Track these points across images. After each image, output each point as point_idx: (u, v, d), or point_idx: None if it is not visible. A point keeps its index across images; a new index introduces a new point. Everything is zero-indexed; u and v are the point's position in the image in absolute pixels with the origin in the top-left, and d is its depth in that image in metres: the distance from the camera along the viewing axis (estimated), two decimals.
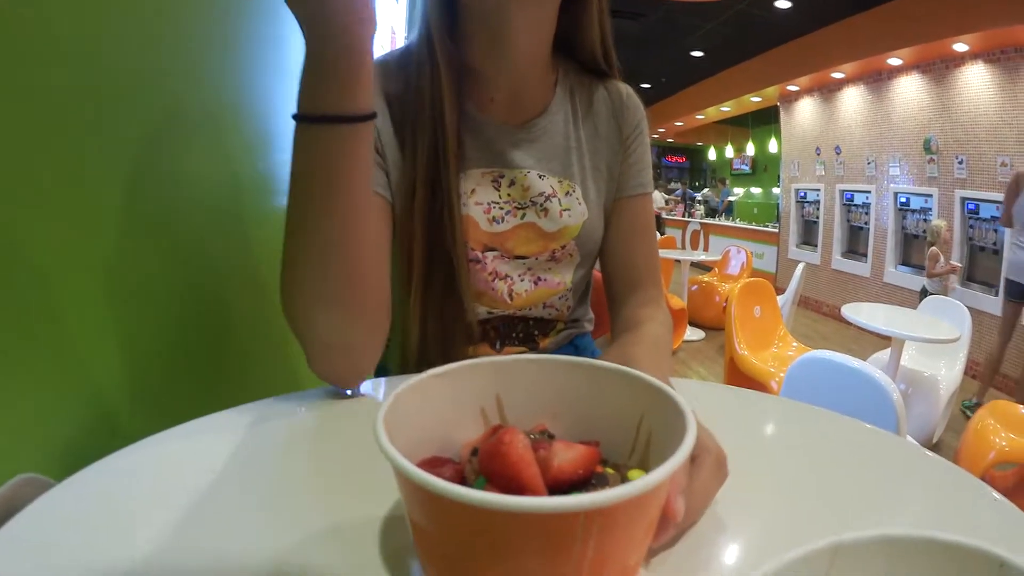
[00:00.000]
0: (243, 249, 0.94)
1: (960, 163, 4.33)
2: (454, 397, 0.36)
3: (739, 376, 2.87)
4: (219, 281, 0.86)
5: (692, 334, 5.06)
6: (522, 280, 0.79)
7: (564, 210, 0.77)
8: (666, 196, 11.35)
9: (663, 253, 5.53)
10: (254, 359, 0.97)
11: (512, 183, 0.76)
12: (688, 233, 9.73)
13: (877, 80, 5.72)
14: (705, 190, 11.61)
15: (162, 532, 0.36)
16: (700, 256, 6.10)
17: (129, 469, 0.43)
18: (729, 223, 9.13)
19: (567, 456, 0.30)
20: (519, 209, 0.76)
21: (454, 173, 0.70)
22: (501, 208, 0.75)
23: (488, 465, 0.29)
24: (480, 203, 0.74)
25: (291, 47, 1.03)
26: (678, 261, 5.35)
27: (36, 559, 0.33)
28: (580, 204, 0.78)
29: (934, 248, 4.01)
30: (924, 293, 4.03)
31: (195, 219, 0.78)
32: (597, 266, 0.85)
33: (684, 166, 14.88)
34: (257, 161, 0.97)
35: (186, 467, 0.44)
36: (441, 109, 0.69)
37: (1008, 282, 3.51)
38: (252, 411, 0.53)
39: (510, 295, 0.78)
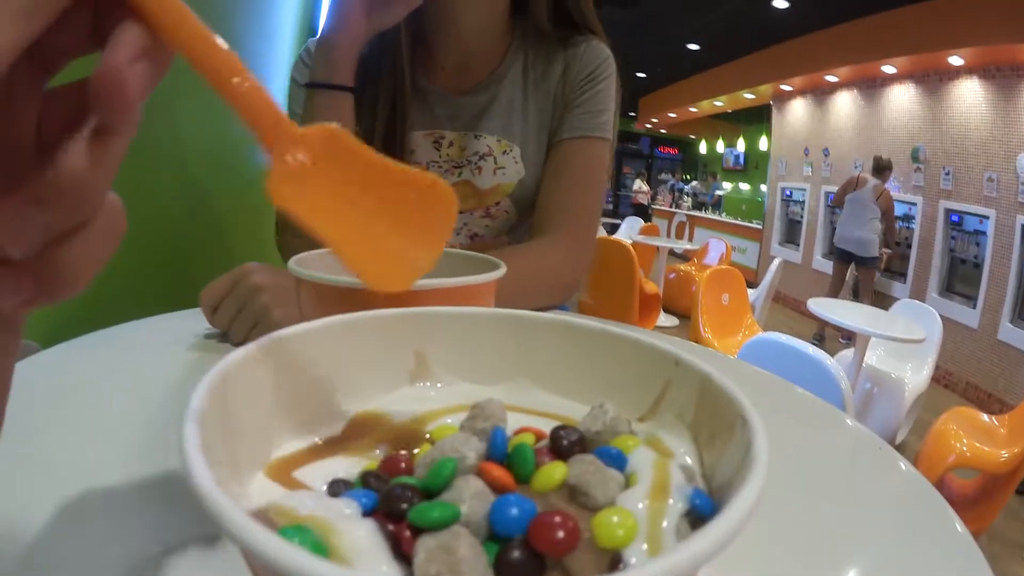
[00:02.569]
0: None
1: (947, 174, 4.37)
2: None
3: None
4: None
5: (666, 320, 5.05)
6: (457, 235, 0.83)
7: (499, 168, 0.81)
8: (648, 190, 11.33)
9: (645, 240, 5.65)
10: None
11: (451, 144, 0.81)
12: (674, 224, 9.73)
13: (870, 86, 5.74)
14: (695, 183, 11.63)
15: (129, 402, 0.43)
16: (680, 244, 6.03)
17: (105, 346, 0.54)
18: (716, 217, 9.14)
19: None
20: (456, 168, 0.81)
21: (405, 134, 0.77)
22: (440, 167, 0.80)
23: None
24: (419, 162, 0.79)
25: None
26: (657, 248, 5.36)
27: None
28: (517, 163, 0.81)
29: None
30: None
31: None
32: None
33: (676, 158, 14.92)
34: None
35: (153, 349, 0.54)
36: (402, 76, 0.76)
37: (837, 249, 4.74)
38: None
39: None
